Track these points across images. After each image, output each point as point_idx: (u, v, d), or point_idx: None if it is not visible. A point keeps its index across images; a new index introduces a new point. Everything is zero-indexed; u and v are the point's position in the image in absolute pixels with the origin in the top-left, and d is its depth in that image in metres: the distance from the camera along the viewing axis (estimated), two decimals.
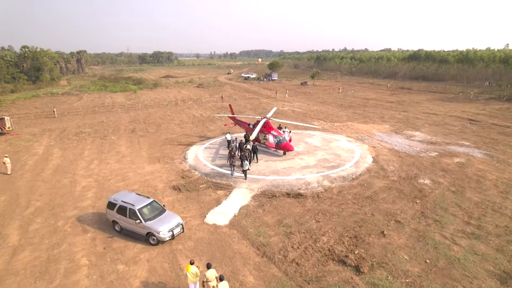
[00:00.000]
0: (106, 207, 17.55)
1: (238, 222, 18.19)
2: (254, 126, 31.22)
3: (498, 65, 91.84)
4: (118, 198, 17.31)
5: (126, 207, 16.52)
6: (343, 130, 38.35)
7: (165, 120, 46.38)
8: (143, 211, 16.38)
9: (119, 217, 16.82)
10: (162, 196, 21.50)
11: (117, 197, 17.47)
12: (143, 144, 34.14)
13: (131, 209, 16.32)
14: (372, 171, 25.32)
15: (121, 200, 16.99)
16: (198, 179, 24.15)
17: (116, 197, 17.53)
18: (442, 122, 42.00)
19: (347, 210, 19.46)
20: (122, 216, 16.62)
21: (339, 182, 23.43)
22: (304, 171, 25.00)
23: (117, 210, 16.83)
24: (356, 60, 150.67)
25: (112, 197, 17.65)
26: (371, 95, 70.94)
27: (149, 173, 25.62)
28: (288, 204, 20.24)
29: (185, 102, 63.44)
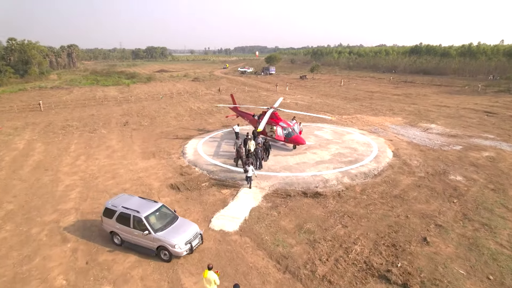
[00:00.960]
0: (102, 215, 14.24)
1: (250, 227, 15.23)
2: (259, 117, 28.22)
3: (501, 59, 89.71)
4: (117, 204, 14.06)
5: (129, 214, 13.37)
6: (354, 123, 35.49)
7: (160, 113, 43.15)
8: (151, 219, 13.25)
9: (119, 227, 13.60)
10: (158, 197, 18.45)
11: (116, 202, 14.23)
12: (136, 138, 30.96)
13: (136, 217, 13.18)
14: (395, 167, 22.50)
15: (122, 206, 13.76)
16: (199, 176, 21.13)
17: (115, 202, 14.27)
18: (456, 115, 39.34)
19: (376, 212, 16.59)
20: (124, 226, 13.45)
21: (360, 179, 20.58)
22: (319, 166, 22.10)
23: (117, 219, 13.63)
24: (354, 55, 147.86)
25: (110, 202, 14.35)
26: (375, 88, 68.24)
27: (142, 170, 22.52)
28: (307, 205, 17.32)
29: (181, 95, 60.15)
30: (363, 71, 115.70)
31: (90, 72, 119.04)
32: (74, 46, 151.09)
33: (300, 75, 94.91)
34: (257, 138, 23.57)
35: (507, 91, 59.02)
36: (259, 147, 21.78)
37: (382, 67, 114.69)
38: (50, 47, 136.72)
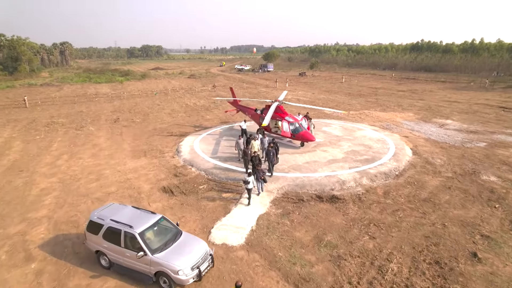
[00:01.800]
0: (86, 229, 11.33)
1: (258, 240, 12.55)
2: (263, 111, 25.54)
3: (504, 55, 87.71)
4: (105, 215, 11.15)
5: (119, 229, 10.49)
6: (363, 119, 32.90)
7: (154, 109, 40.32)
8: (147, 236, 10.40)
9: (107, 245, 10.72)
10: (148, 202, 15.74)
11: (104, 214, 11.33)
12: (127, 135, 28.15)
13: (128, 232, 10.30)
14: (418, 166, 19.94)
15: (111, 219, 10.84)
16: (196, 178, 18.42)
17: (102, 214, 11.36)
18: (470, 110, 36.89)
19: (406, 219, 13.99)
20: (113, 245, 10.58)
21: (381, 180, 17.98)
22: (332, 166, 19.47)
23: (105, 235, 10.79)
24: (353, 52, 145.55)
25: (96, 213, 11.44)
26: (377, 84, 65.80)
27: (131, 170, 19.77)
28: (324, 212, 14.67)
29: (176, 91, 57.31)
30: (362, 68, 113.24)
31: (83, 70, 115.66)
32: (67, 43, 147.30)
33: (299, 72, 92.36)
34: (263, 137, 20.79)
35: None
36: (270, 148, 18.07)
37: (381, 65, 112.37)
38: (42, 45, 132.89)
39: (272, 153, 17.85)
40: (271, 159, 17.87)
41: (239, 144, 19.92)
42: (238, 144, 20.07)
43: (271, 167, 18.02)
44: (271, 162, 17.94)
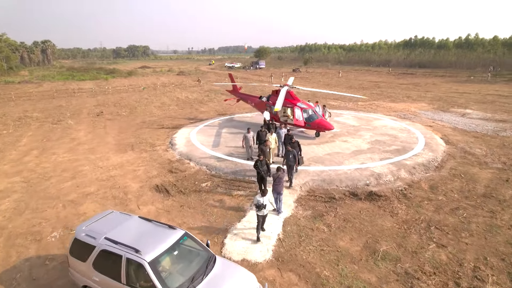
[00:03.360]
0: (69, 253, 7.62)
1: (291, 254, 9.18)
2: (269, 98, 22.21)
3: (500, 50, 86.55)
4: (97, 231, 7.40)
5: (118, 255, 6.73)
6: (374, 109, 29.91)
7: (142, 103, 36.57)
8: (163, 266, 6.72)
9: (100, 279, 6.98)
10: (136, 204, 12.21)
11: (96, 228, 7.58)
12: (111, 128, 24.45)
13: (133, 260, 6.55)
14: (457, 156, 16.92)
15: (107, 237, 7.10)
16: (197, 174, 14.98)
17: (93, 228, 7.61)
18: (486, 100, 34.31)
19: (473, 220, 10.84)
20: (109, 279, 6.85)
21: (421, 172, 14.86)
22: (359, 157, 16.28)
23: (96, 262, 7.04)
24: (344, 50, 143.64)
25: (85, 228, 7.67)
26: (376, 79, 63.27)
27: (116, 166, 16.18)
28: (366, 213, 11.41)
29: (166, 86, 53.53)
30: (354, 65, 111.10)
31: (66, 69, 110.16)
32: (49, 42, 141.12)
33: (293, 68, 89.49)
34: (279, 129, 17.01)
35: None
36: (290, 149, 13.22)
37: (375, 62, 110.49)
38: (22, 43, 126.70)
39: (292, 155, 13.00)
40: (291, 164, 13.03)
41: (248, 140, 15.98)
42: (246, 139, 15.99)
43: (291, 176, 13.22)
44: (291, 170, 13.19)
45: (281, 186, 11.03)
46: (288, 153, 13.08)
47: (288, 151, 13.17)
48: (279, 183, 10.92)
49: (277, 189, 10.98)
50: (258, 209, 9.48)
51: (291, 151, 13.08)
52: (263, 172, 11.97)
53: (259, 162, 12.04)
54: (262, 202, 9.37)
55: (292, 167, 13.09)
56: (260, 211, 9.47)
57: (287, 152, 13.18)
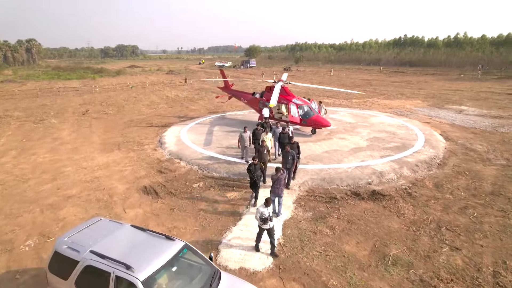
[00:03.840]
0: (47, 268, 6.48)
1: (294, 260, 8.34)
2: (263, 95, 21.36)
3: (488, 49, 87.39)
4: (81, 243, 6.36)
5: (106, 272, 5.69)
6: (369, 106, 29.33)
7: (130, 101, 35.34)
8: (159, 284, 5.72)
9: None
10: (122, 208, 11.22)
11: (80, 240, 6.50)
12: (97, 127, 23.29)
13: (123, 279, 5.51)
14: (458, 153, 16.34)
15: (92, 251, 6.06)
16: (188, 174, 14.03)
17: (76, 239, 6.53)
18: (480, 97, 34.09)
19: (485, 219, 10.17)
20: None
21: (424, 170, 14.19)
22: (359, 155, 15.55)
23: (80, 280, 5.98)
24: (335, 49, 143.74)
25: (67, 239, 6.56)
26: (368, 77, 63.02)
27: (101, 166, 15.12)
28: (371, 214, 10.63)
29: (155, 85, 52.28)
30: (345, 64, 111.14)
31: (52, 68, 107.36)
32: (34, 41, 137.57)
33: (283, 67, 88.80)
34: (275, 127, 15.59)
35: (509, 77, 55.20)
36: (289, 150, 11.88)
37: (365, 60, 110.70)
38: (6, 41, 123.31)
39: (291, 157, 11.83)
40: (290, 167, 11.85)
41: (244, 140, 14.60)
42: (242, 139, 14.61)
43: (288, 179, 12.01)
44: (290, 173, 12.02)
45: (281, 188, 10.15)
46: (286, 155, 11.80)
47: (286, 152, 11.82)
48: (279, 185, 10.01)
49: (277, 192, 10.08)
50: (263, 223, 8.25)
51: (290, 152, 11.78)
52: (256, 177, 10.87)
53: (253, 166, 10.91)
54: (267, 214, 8.19)
55: (290, 170, 11.92)
56: (265, 224, 8.25)
57: (285, 154, 11.87)
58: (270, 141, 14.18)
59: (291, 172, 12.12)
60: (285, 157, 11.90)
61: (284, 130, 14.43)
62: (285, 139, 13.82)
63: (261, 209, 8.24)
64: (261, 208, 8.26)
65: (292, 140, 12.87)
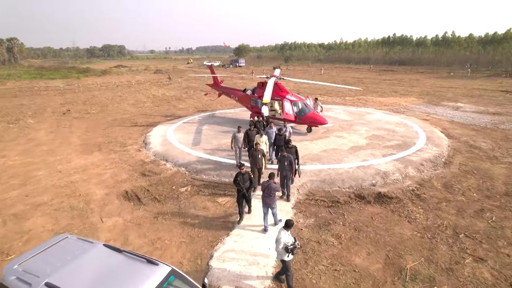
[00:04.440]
0: None
1: (296, 277, 7.18)
2: (255, 91, 20.18)
3: (476, 48, 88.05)
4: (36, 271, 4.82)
5: None
6: (364, 104, 28.43)
7: (115, 100, 33.69)
8: None
9: None
10: (99, 216, 9.86)
11: (35, 266, 4.97)
12: (77, 127, 21.74)
13: None
14: (463, 151, 15.45)
15: (48, 284, 4.52)
16: (174, 177, 12.74)
17: (31, 266, 4.97)
18: (473, 94, 33.58)
19: (505, 224, 9.22)
20: None
21: (429, 169, 13.22)
22: (359, 154, 14.50)
23: None
24: (324, 48, 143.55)
25: (17, 266, 4.99)
26: (359, 75, 62.39)
27: (79, 170, 13.70)
28: (379, 219, 9.54)
29: (142, 84, 50.57)
30: (335, 63, 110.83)
31: (35, 68, 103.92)
32: (15, 40, 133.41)
33: (273, 66, 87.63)
34: (268, 128, 13.81)
35: (497, 75, 55.28)
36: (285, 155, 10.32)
37: (354, 59, 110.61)
38: None
39: (288, 161, 10.19)
40: (287, 174, 10.29)
41: (237, 140, 12.95)
42: (236, 139, 12.95)
43: (287, 188, 10.55)
44: (287, 181, 10.45)
45: (272, 199, 8.54)
46: (283, 159, 10.26)
47: (283, 156, 10.28)
48: (269, 195, 8.45)
49: (267, 202, 8.55)
50: (290, 253, 6.32)
51: (287, 156, 10.22)
52: (245, 189, 9.03)
53: (241, 176, 9.06)
54: (291, 241, 6.36)
55: (288, 177, 10.37)
56: (291, 255, 6.39)
57: (281, 158, 10.34)
58: (265, 144, 12.50)
59: (289, 180, 10.52)
60: (281, 162, 10.34)
61: (281, 132, 12.99)
62: (281, 142, 12.56)
63: (282, 234, 6.40)
64: (282, 233, 6.41)
65: (290, 144, 11.26)
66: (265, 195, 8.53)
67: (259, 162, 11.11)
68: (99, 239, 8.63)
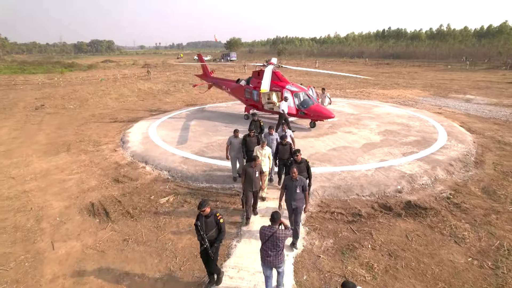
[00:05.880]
0: None
1: None
2: (249, 82, 17.84)
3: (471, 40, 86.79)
4: None
5: None
6: (367, 96, 26.33)
7: (96, 95, 30.97)
8: None
9: None
10: (51, 240, 7.47)
11: None
12: (49, 124, 19.15)
13: None
14: (492, 148, 13.38)
15: None
16: (154, 183, 10.37)
17: None
18: (480, 86, 31.72)
19: None
20: None
21: (460, 170, 11.09)
22: (375, 152, 12.31)
23: None
24: (317, 43, 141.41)
25: None
26: (355, 68, 60.40)
27: (38, 175, 11.23)
28: (415, 238, 7.37)
29: (128, 78, 47.73)
30: (328, 57, 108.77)
31: (18, 63, 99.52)
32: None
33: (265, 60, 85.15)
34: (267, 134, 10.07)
35: (496, 67, 53.85)
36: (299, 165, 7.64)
37: (348, 53, 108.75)
38: None
39: (300, 187, 6.71)
40: (297, 206, 6.74)
41: (234, 147, 9.85)
42: (232, 145, 9.89)
43: (296, 225, 6.92)
44: (297, 215, 6.87)
45: (279, 256, 5.18)
46: (291, 185, 6.69)
47: (291, 180, 6.72)
48: (274, 247, 5.10)
49: (271, 262, 5.19)
50: None
51: (299, 180, 6.70)
52: (207, 243, 5.51)
53: (202, 218, 5.58)
54: None
55: (298, 211, 6.77)
56: None
57: (289, 183, 6.75)
58: (269, 159, 8.99)
59: (299, 214, 6.86)
60: (289, 189, 6.74)
61: (284, 141, 9.17)
62: (285, 154, 9.01)
63: None
64: None
65: (298, 156, 7.72)
66: (266, 250, 5.14)
67: (254, 183, 7.76)
68: (42, 276, 6.27)
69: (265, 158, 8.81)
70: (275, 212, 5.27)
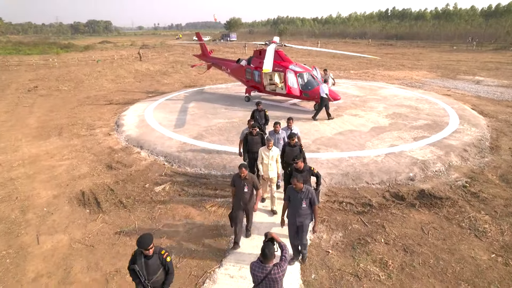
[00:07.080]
0: None
1: None
2: (250, 62, 16.96)
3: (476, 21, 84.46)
4: None
5: None
6: (372, 77, 25.45)
7: (92, 76, 30.01)
8: None
9: None
10: (37, 233, 6.87)
11: None
12: (41, 106, 18.40)
13: None
14: (507, 132, 12.70)
15: None
16: (149, 170, 9.73)
17: None
18: (489, 67, 30.69)
19: None
20: None
21: (475, 156, 10.43)
22: (384, 137, 11.61)
23: None
24: (319, 23, 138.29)
25: None
26: (358, 49, 58.84)
27: (26, 161, 10.59)
28: (432, 231, 6.76)
29: (125, 59, 46.48)
30: (330, 38, 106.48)
31: (13, 43, 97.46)
32: None
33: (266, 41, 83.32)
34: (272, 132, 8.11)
35: (504, 48, 52.40)
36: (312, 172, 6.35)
37: (350, 34, 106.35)
38: None
39: (307, 200, 5.41)
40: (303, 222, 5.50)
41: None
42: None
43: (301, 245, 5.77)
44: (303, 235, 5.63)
45: None
46: (296, 197, 5.44)
47: (296, 192, 5.43)
48: None
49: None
50: None
51: (305, 192, 5.39)
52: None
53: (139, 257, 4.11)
54: None
55: (304, 228, 5.57)
56: None
57: (293, 194, 5.48)
58: (276, 162, 7.28)
59: (306, 231, 5.68)
60: (294, 201, 5.49)
61: (293, 140, 7.38)
62: (291, 157, 6.75)
63: None
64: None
65: (298, 163, 6.22)
66: None
67: (244, 199, 6.15)
68: (24, 274, 5.70)
69: (272, 162, 7.17)
70: (267, 246, 3.84)
